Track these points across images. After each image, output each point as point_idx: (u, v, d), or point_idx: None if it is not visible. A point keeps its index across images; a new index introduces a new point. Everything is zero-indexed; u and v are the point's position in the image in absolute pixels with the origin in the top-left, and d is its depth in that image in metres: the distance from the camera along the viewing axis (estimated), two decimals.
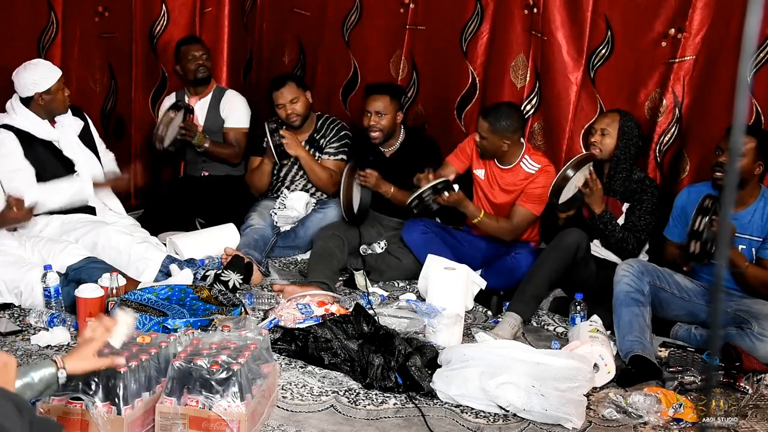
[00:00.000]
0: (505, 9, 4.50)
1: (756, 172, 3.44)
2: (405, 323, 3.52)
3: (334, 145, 4.69)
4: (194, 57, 4.86)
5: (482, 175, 4.20)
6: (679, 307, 3.55)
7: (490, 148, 4.04)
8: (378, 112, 4.36)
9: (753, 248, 3.47)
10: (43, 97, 3.89)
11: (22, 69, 3.91)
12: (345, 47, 5.23)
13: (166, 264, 3.84)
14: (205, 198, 4.78)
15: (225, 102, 4.93)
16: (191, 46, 4.90)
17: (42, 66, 3.96)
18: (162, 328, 3.17)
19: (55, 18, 4.49)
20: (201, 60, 4.87)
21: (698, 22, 3.97)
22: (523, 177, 4.07)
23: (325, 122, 4.74)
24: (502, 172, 4.13)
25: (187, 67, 4.88)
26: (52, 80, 3.89)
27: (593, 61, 4.27)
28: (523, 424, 2.82)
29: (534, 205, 4.05)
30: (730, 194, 1.34)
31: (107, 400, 2.41)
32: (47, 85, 3.88)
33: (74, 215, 4.00)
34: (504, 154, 4.06)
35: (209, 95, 4.95)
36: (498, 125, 3.97)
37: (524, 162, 4.07)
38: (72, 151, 4.03)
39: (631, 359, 3.23)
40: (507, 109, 4.05)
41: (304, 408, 2.86)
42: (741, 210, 3.49)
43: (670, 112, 4.11)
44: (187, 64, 4.87)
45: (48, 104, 3.91)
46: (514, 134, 4.00)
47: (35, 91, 3.87)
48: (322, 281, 3.95)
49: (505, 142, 4.00)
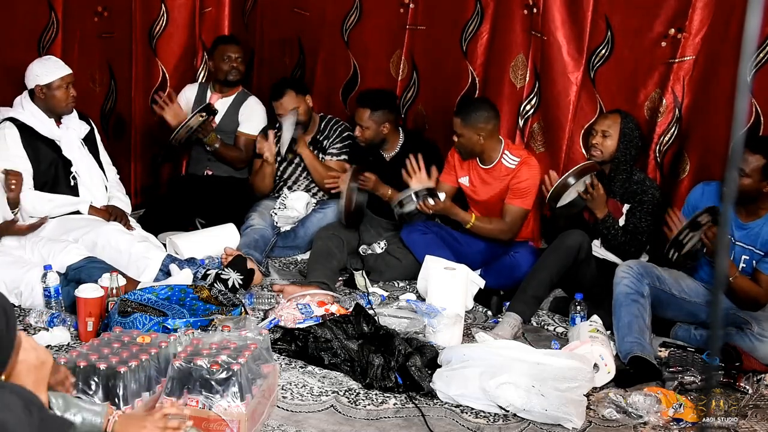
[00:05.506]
0: (505, 9, 4.50)
1: (765, 190, 3.34)
2: (405, 323, 3.52)
3: (337, 146, 4.70)
4: (230, 58, 4.85)
5: (466, 182, 4.20)
6: (678, 308, 3.55)
7: (467, 144, 4.04)
8: (359, 125, 4.39)
9: (754, 260, 3.42)
10: (44, 91, 3.90)
11: (34, 61, 3.98)
12: (345, 47, 5.23)
13: (166, 264, 3.84)
14: (206, 198, 4.77)
15: (245, 107, 4.92)
16: (229, 47, 4.87)
17: (50, 61, 4.00)
18: (162, 328, 3.16)
19: (55, 18, 4.49)
20: (236, 63, 4.86)
21: (698, 23, 3.97)
22: (505, 173, 4.06)
23: (329, 123, 4.75)
24: (486, 173, 4.12)
25: (220, 67, 4.86)
26: (55, 76, 3.90)
27: (593, 61, 4.27)
28: (523, 424, 2.82)
29: (522, 200, 4.04)
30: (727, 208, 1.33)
31: (107, 400, 2.41)
32: (48, 80, 3.89)
33: (74, 215, 4.00)
34: (483, 149, 4.05)
35: (232, 96, 4.94)
36: (468, 118, 3.97)
37: (505, 158, 4.06)
38: (71, 152, 4.03)
39: (631, 360, 3.23)
40: (476, 102, 4.12)
41: (304, 408, 2.86)
42: (752, 221, 3.43)
43: (670, 112, 4.11)
44: (220, 63, 4.85)
45: (48, 99, 3.91)
46: (486, 124, 3.99)
47: (36, 83, 3.89)
48: (322, 281, 3.95)
49: (480, 135, 3.99)
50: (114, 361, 2.46)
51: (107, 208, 4.11)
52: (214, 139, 4.72)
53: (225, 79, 4.89)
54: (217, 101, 4.89)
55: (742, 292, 3.38)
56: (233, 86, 4.94)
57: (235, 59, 4.87)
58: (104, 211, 4.08)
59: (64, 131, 4.03)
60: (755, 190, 3.33)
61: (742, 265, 3.43)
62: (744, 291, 3.37)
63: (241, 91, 4.99)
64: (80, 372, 2.42)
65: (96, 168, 4.17)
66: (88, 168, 4.12)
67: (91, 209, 4.05)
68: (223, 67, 4.86)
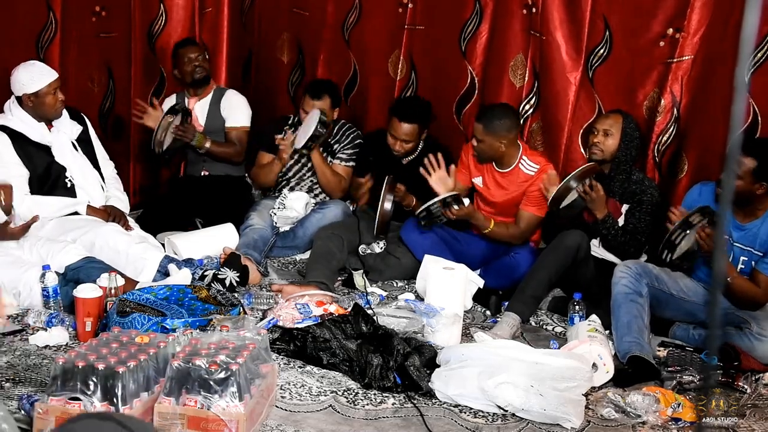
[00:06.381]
0: (504, 8, 4.50)
1: (758, 192, 3.32)
2: (404, 323, 3.52)
3: (348, 151, 4.71)
4: (190, 59, 4.84)
5: (480, 182, 4.19)
6: (677, 308, 3.55)
7: (487, 150, 4.02)
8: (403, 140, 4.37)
9: (753, 261, 3.41)
10: (32, 99, 3.86)
11: (18, 68, 3.91)
12: (345, 47, 5.23)
13: (164, 264, 3.83)
14: (204, 198, 4.77)
15: (225, 101, 4.92)
16: (187, 49, 4.88)
17: (35, 68, 3.93)
18: (160, 328, 3.16)
19: (53, 18, 4.49)
20: (197, 61, 4.85)
21: (696, 22, 3.97)
22: (523, 179, 4.04)
23: (341, 128, 4.76)
24: (502, 176, 4.11)
25: (184, 70, 4.86)
26: (42, 84, 3.85)
27: (592, 61, 4.27)
28: (521, 424, 2.82)
29: (537, 208, 4.04)
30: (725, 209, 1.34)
31: (105, 400, 2.40)
32: (35, 88, 3.84)
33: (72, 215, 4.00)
34: (502, 155, 4.03)
35: (209, 96, 4.94)
36: (491, 125, 3.95)
37: (523, 163, 4.05)
38: (63, 158, 4.00)
39: (629, 360, 3.23)
40: (500, 109, 4.06)
41: (303, 408, 2.86)
42: (749, 221, 3.42)
43: (668, 112, 4.11)
44: (183, 66, 4.86)
45: (36, 107, 3.88)
46: (509, 133, 3.98)
47: (23, 92, 3.85)
48: (321, 281, 3.95)
49: (502, 142, 3.97)
50: (112, 362, 2.45)
51: (106, 209, 4.10)
52: (202, 140, 4.71)
53: (193, 80, 4.87)
54: (196, 104, 4.89)
55: (741, 293, 3.37)
56: (205, 85, 4.93)
57: (196, 58, 4.85)
58: (103, 212, 4.07)
59: (56, 136, 3.99)
60: (748, 192, 3.32)
61: (740, 266, 3.43)
62: (742, 291, 3.37)
63: (216, 88, 4.99)
64: (78, 372, 2.42)
65: (90, 169, 4.14)
66: (82, 170, 4.08)
67: (89, 209, 4.04)
68: (186, 69, 4.85)
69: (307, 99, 4.60)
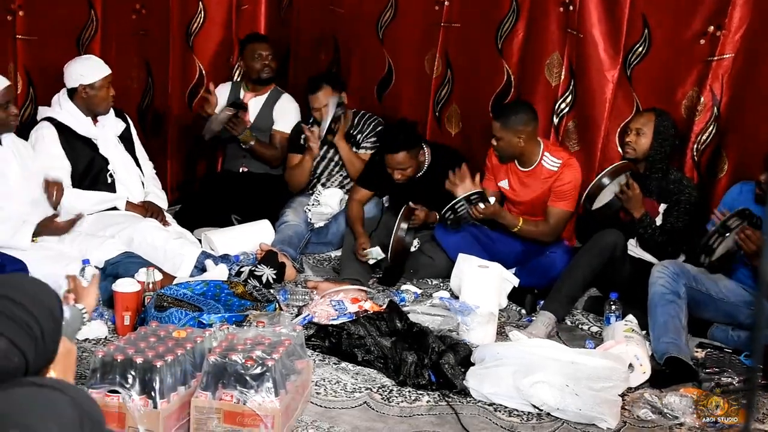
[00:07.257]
0: (541, 7, 4.47)
1: None
2: (438, 321, 3.51)
3: (372, 139, 4.70)
4: (261, 56, 4.87)
5: (506, 185, 4.17)
6: (716, 309, 3.50)
7: (506, 148, 4.00)
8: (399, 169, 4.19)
9: None
10: (87, 90, 3.94)
11: (73, 60, 4.03)
12: (379, 44, 5.23)
13: (201, 260, 3.87)
14: (241, 194, 4.80)
15: (279, 105, 4.95)
16: (258, 45, 4.89)
17: (92, 61, 4.06)
18: (197, 323, 3.19)
19: (95, 16, 4.54)
20: (267, 60, 4.88)
21: (738, 20, 3.91)
22: (547, 175, 4.02)
23: (362, 118, 4.75)
24: (526, 175, 4.09)
25: (251, 66, 4.89)
26: (99, 75, 3.96)
27: (630, 59, 4.22)
28: (556, 424, 2.81)
29: (566, 202, 4.02)
30: None
31: (144, 394, 2.44)
32: (93, 79, 3.94)
33: (111, 211, 4.05)
34: (522, 152, 4.01)
35: (266, 95, 4.97)
36: (508, 121, 3.95)
37: (545, 160, 4.03)
38: (108, 150, 4.08)
39: (666, 361, 3.19)
40: (515, 105, 4.10)
41: (338, 404, 2.88)
42: None
43: (708, 111, 4.06)
44: (252, 62, 4.88)
45: (90, 99, 3.96)
46: (526, 126, 3.95)
47: (80, 82, 3.94)
48: (355, 278, 3.96)
49: (520, 137, 3.95)
50: (150, 355, 2.49)
51: (144, 204, 4.15)
52: (248, 137, 4.75)
53: (258, 78, 4.91)
54: (251, 100, 4.92)
55: None
56: (266, 84, 4.96)
57: (266, 57, 4.88)
58: (141, 207, 4.12)
59: (101, 130, 4.08)
60: None
61: None
62: None
63: (274, 89, 5.01)
64: (117, 365, 2.45)
65: (132, 165, 4.22)
66: (125, 165, 4.17)
67: (128, 205, 4.09)
68: (255, 66, 4.88)
69: (309, 97, 4.59)
